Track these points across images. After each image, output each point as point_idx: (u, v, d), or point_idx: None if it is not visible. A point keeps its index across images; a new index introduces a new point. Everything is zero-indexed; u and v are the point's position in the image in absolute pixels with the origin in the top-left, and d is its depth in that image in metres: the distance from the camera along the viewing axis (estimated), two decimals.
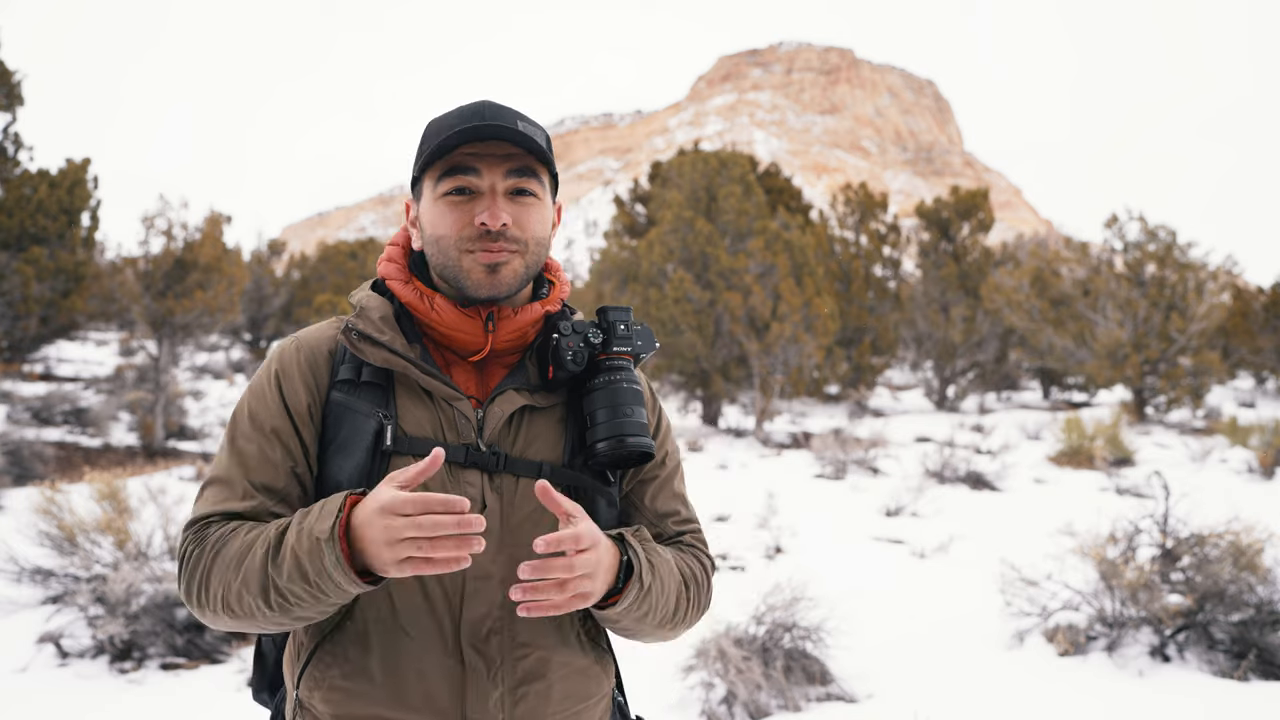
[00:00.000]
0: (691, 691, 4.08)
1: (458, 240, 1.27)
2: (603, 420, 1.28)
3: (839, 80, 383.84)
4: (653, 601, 1.26)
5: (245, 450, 1.27)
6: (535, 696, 1.26)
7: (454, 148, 1.26)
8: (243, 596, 1.15)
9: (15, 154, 18.15)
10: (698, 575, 1.40)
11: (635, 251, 20.63)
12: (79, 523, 5.16)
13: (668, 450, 1.46)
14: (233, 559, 1.17)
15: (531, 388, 1.32)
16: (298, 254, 38.74)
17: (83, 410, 14.45)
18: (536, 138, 1.28)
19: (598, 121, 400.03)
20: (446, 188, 1.28)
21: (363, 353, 1.27)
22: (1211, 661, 4.47)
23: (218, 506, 1.25)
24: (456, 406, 1.28)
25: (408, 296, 1.33)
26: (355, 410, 1.26)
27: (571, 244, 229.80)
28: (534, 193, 1.30)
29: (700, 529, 1.48)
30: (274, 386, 1.30)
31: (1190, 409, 21.81)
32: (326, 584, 1.10)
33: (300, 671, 1.28)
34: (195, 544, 1.23)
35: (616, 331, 1.35)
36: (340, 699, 1.23)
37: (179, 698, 4.12)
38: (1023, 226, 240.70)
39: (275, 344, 1.80)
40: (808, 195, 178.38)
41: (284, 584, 1.12)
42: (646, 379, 1.48)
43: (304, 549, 1.10)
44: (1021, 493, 10.60)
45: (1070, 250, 25.23)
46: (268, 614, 1.15)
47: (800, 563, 6.58)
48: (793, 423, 20.79)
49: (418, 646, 1.22)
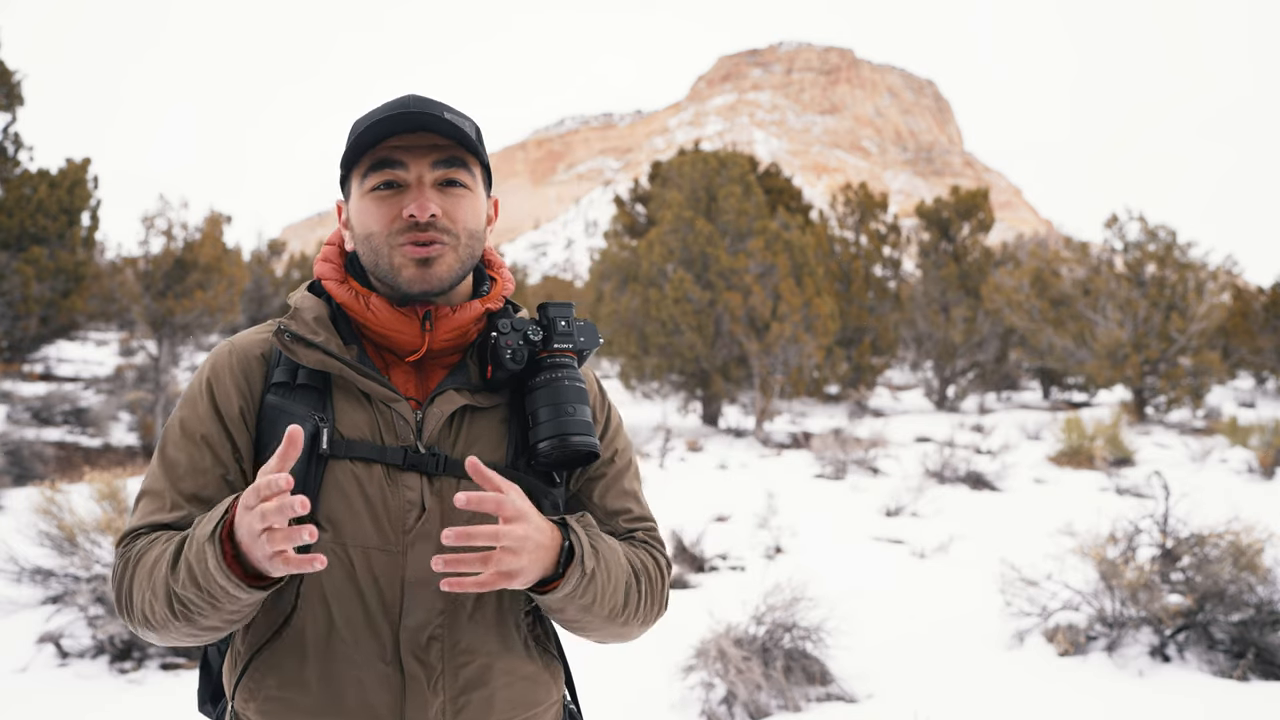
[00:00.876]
0: (691, 691, 4.07)
1: (387, 235, 1.23)
2: (545, 419, 1.24)
3: (839, 80, 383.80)
4: (598, 590, 1.21)
5: (174, 459, 1.24)
6: (478, 705, 1.22)
7: (378, 141, 1.22)
8: (154, 607, 1.13)
9: (15, 154, 18.15)
10: (649, 570, 1.34)
11: (635, 251, 20.64)
12: (79, 523, 5.15)
13: (617, 448, 1.41)
14: (146, 571, 1.15)
15: (473, 388, 1.29)
16: (298, 254, 38.73)
17: (83, 410, 14.44)
18: (464, 127, 1.24)
19: (598, 121, 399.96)
20: (373, 183, 1.24)
21: (296, 355, 1.23)
22: (1211, 661, 4.47)
23: (146, 519, 1.22)
24: (394, 408, 1.24)
25: (343, 296, 1.29)
26: (290, 413, 1.22)
27: (571, 244, 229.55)
28: (463, 183, 1.26)
29: (654, 527, 1.43)
30: (205, 393, 1.27)
31: (1190, 409, 21.82)
32: (214, 588, 1.06)
33: (236, 682, 1.24)
34: (120, 558, 1.21)
35: (557, 328, 1.31)
36: (275, 710, 1.20)
37: (179, 698, 4.11)
38: (1023, 226, 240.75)
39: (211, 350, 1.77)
40: (808, 195, 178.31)
41: (180, 591, 1.09)
42: (594, 376, 1.44)
43: (193, 554, 1.07)
44: (1021, 493, 10.60)
45: (1070, 250, 25.23)
46: (176, 624, 1.13)
47: (800, 563, 6.58)
48: (793, 423, 20.79)
49: (356, 655, 1.19)
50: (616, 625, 1.30)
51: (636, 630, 1.35)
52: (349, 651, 1.19)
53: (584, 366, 1.38)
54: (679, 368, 18.74)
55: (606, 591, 1.23)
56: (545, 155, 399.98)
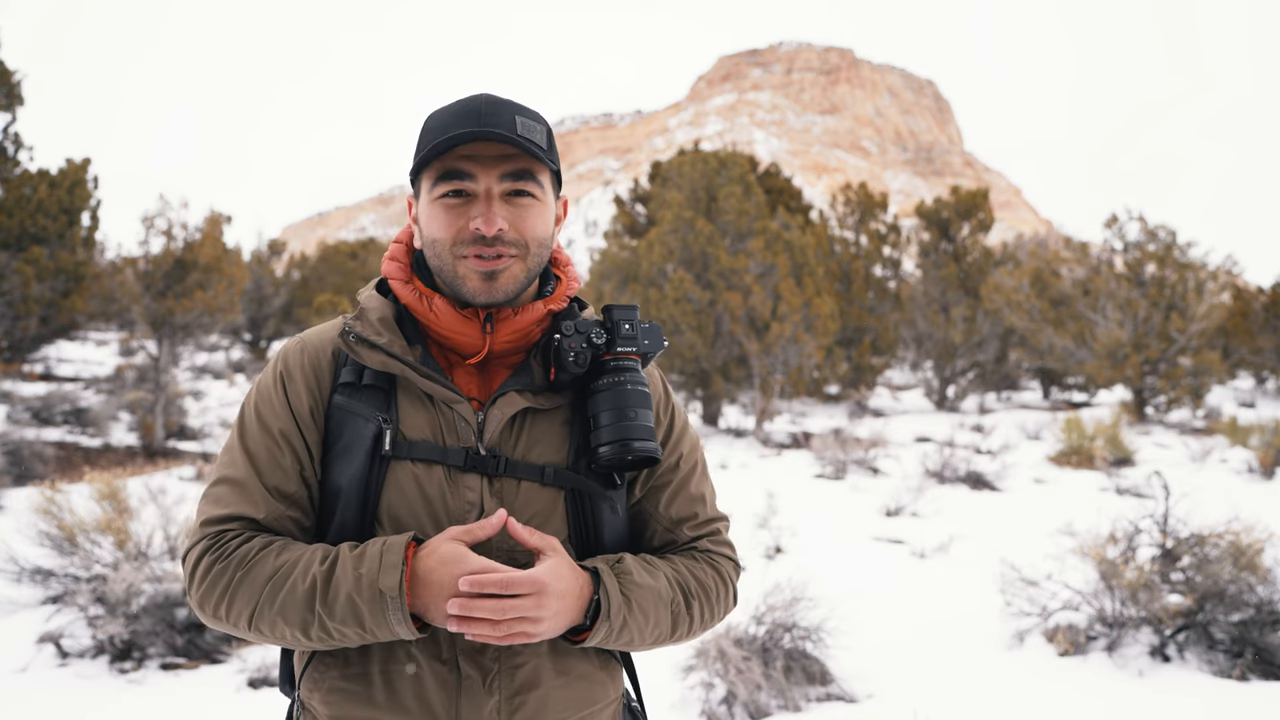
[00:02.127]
0: (691, 691, 4.07)
1: (453, 245, 1.24)
2: (606, 423, 1.24)
3: (839, 80, 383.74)
4: (632, 633, 1.24)
5: (256, 452, 1.25)
6: (533, 705, 1.24)
7: (449, 149, 1.22)
8: (277, 624, 1.15)
9: (15, 154, 18.16)
10: (708, 586, 1.34)
11: (635, 251, 20.63)
12: (79, 523, 5.15)
13: (682, 452, 1.40)
14: (265, 584, 1.16)
15: (535, 389, 1.28)
16: (298, 254, 38.73)
17: (83, 410, 14.44)
18: (534, 136, 1.23)
19: (598, 121, 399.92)
20: (442, 190, 1.24)
21: (360, 356, 1.25)
22: (1211, 661, 4.47)
23: (234, 509, 1.23)
24: (456, 409, 1.25)
25: (407, 297, 1.30)
26: (356, 414, 1.24)
27: (571, 244, 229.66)
28: (532, 194, 1.26)
29: (721, 529, 1.43)
30: (279, 389, 1.28)
31: (1190, 409, 21.81)
32: (382, 630, 1.13)
33: (302, 672, 1.28)
34: (214, 552, 1.20)
35: (621, 331, 1.30)
36: (338, 700, 1.23)
37: (179, 698, 4.11)
38: (1023, 226, 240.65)
39: (281, 343, 1.77)
40: (808, 195, 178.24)
41: (334, 625, 1.13)
42: (660, 376, 1.43)
43: (364, 598, 1.12)
44: (1021, 493, 10.59)
45: (1070, 250, 25.22)
46: (303, 642, 1.17)
47: (800, 563, 6.58)
48: (793, 423, 20.79)
49: (414, 652, 1.21)
50: (665, 644, 1.34)
51: (691, 639, 1.39)
52: (408, 649, 1.22)
53: (649, 367, 1.38)
54: (679, 368, 18.73)
55: (645, 630, 1.26)
56: None
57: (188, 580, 1.22)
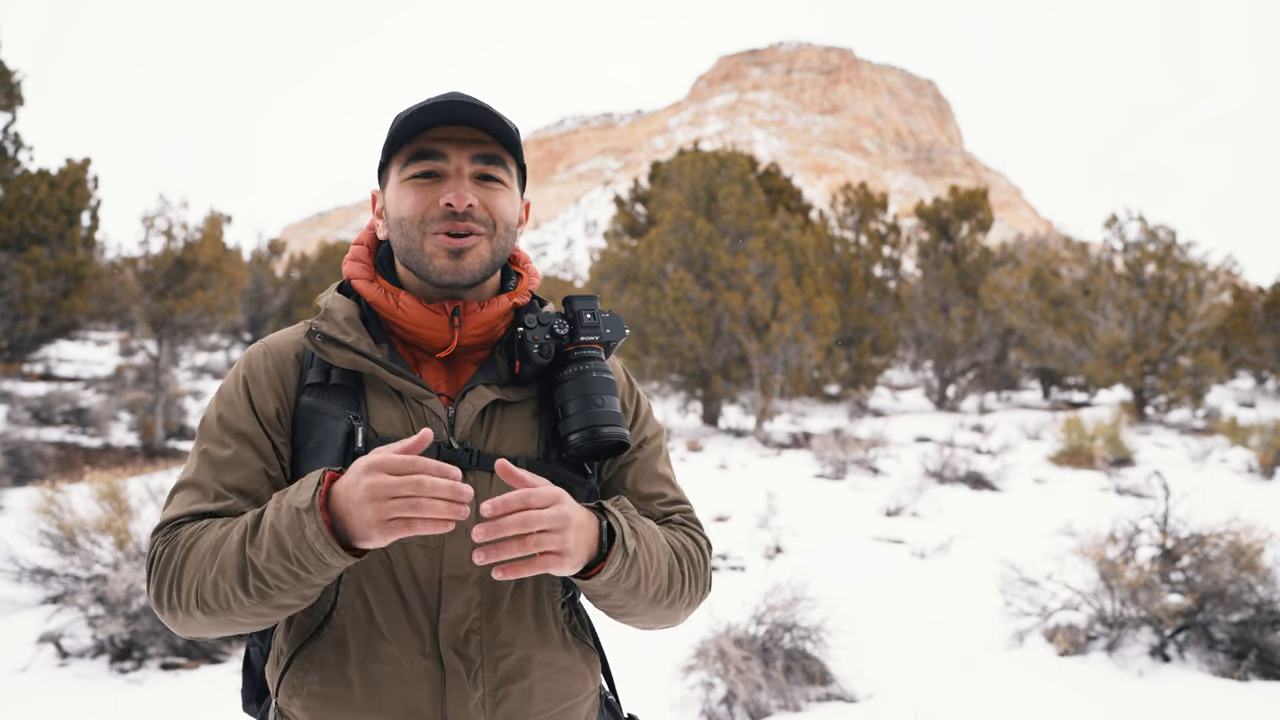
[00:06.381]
0: (691, 691, 4.07)
1: (421, 221, 1.25)
2: (574, 411, 1.25)
3: (839, 80, 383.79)
4: (641, 570, 1.21)
5: (215, 454, 1.24)
6: (517, 696, 1.24)
7: (422, 130, 1.24)
8: (218, 585, 1.11)
9: (15, 154, 18.16)
10: (690, 550, 1.34)
11: (635, 251, 20.63)
12: (79, 523, 5.15)
13: (646, 435, 1.43)
14: (207, 550, 1.13)
15: (502, 382, 1.30)
16: (298, 254, 38.70)
17: (83, 410, 14.46)
18: (507, 124, 1.26)
19: (598, 121, 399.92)
20: (413, 170, 1.25)
21: (328, 355, 1.25)
22: (1211, 661, 4.47)
23: (188, 508, 1.21)
24: (426, 405, 1.26)
25: (373, 295, 1.30)
26: (325, 413, 1.24)
27: (571, 244, 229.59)
28: (501, 180, 1.28)
29: (691, 509, 1.44)
30: (242, 392, 1.28)
31: (1190, 409, 21.81)
32: (308, 557, 1.06)
33: (279, 678, 1.26)
34: (165, 544, 1.19)
35: (583, 320, 1.32)
36: (318, 705, 1.22)
37: (179, 698, 4.11)
38: (1023, 226, 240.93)
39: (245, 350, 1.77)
40: (808, 195, 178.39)
41: (262, 563, 1.08)
42: (621, 365, 1.45)
43: (283, 523, 1.07)
44: (1021, 493, 10.60)
45: (1070, 250, 25.22)
46: (245, 602, 1.11)
47: (800, 563, 6.58)
48: (793, 423, 20.79)
49: (396, 650, 1.21)
50: (661, 608, 1.30)
51: (683, 613, 1.36)
52: (389, 647, 1.21)
53: (611, 357, 1.39)
54: (679, 368, 18.73)
55: (650, 572, 1.23)
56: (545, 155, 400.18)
57: (146, 583, 1.22)
